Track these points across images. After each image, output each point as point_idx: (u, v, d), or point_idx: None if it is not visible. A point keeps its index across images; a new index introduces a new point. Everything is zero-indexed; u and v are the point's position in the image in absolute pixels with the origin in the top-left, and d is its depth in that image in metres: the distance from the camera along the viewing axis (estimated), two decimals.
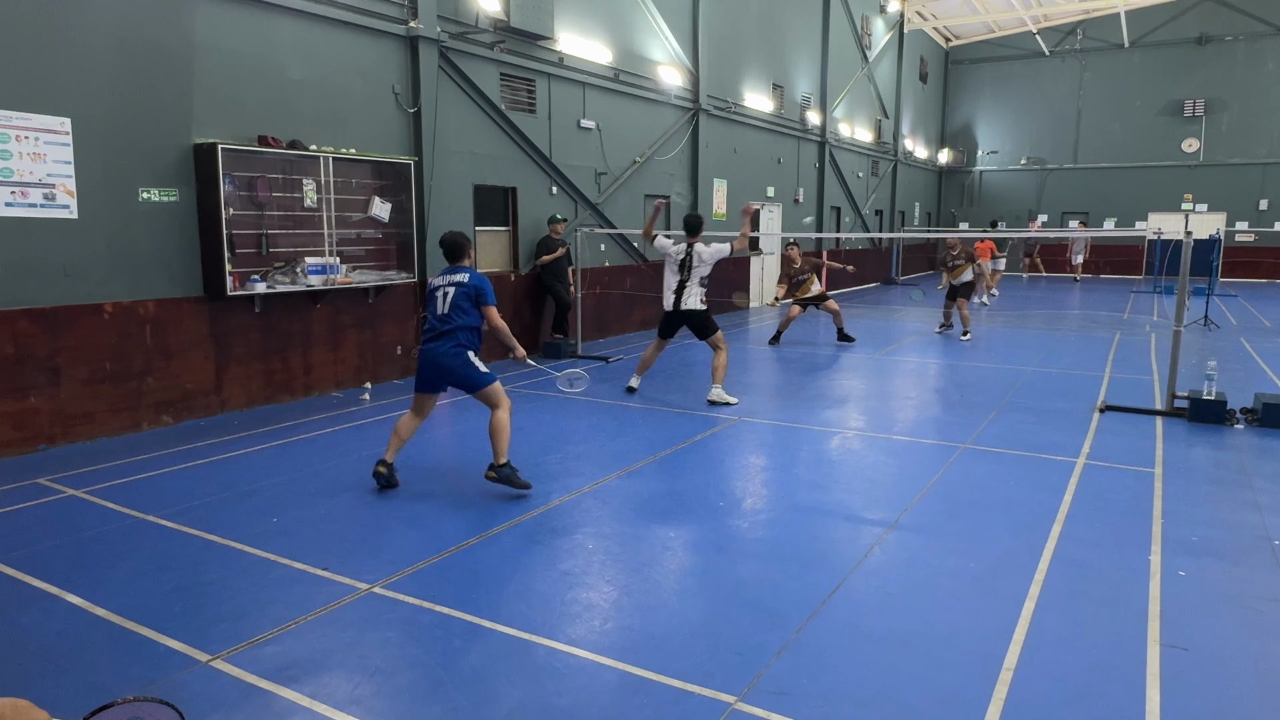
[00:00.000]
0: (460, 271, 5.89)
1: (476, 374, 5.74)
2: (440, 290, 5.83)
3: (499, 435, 5.73)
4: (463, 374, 5.73)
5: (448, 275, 5.88)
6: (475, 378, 5.75)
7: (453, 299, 5.75)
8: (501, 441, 5.73)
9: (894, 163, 27.10)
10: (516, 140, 11.44)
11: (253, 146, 7.90)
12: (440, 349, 5.72)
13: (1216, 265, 19.36)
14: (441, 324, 5.75)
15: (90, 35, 6.84)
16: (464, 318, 5.73)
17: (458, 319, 5.72)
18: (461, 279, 5.81)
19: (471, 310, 5.77)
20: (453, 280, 5.82)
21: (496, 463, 5.73)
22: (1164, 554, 4.76)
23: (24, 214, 6.56)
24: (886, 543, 4.95)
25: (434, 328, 5.78)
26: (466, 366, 5.72)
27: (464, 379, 5.75)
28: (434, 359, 5.75)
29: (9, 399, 6.55)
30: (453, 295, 5.76)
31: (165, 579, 4.40)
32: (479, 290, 5.79)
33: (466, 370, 5.72)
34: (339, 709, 3.22)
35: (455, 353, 5.71)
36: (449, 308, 5.75)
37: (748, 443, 7.33)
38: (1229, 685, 3.43)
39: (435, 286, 5.88)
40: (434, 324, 5.80)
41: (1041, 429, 7.63)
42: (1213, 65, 27.42)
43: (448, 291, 5.79)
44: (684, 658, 3.61)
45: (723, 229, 16.74)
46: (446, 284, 5.82)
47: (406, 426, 6.00)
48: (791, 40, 19.46)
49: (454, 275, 5.86)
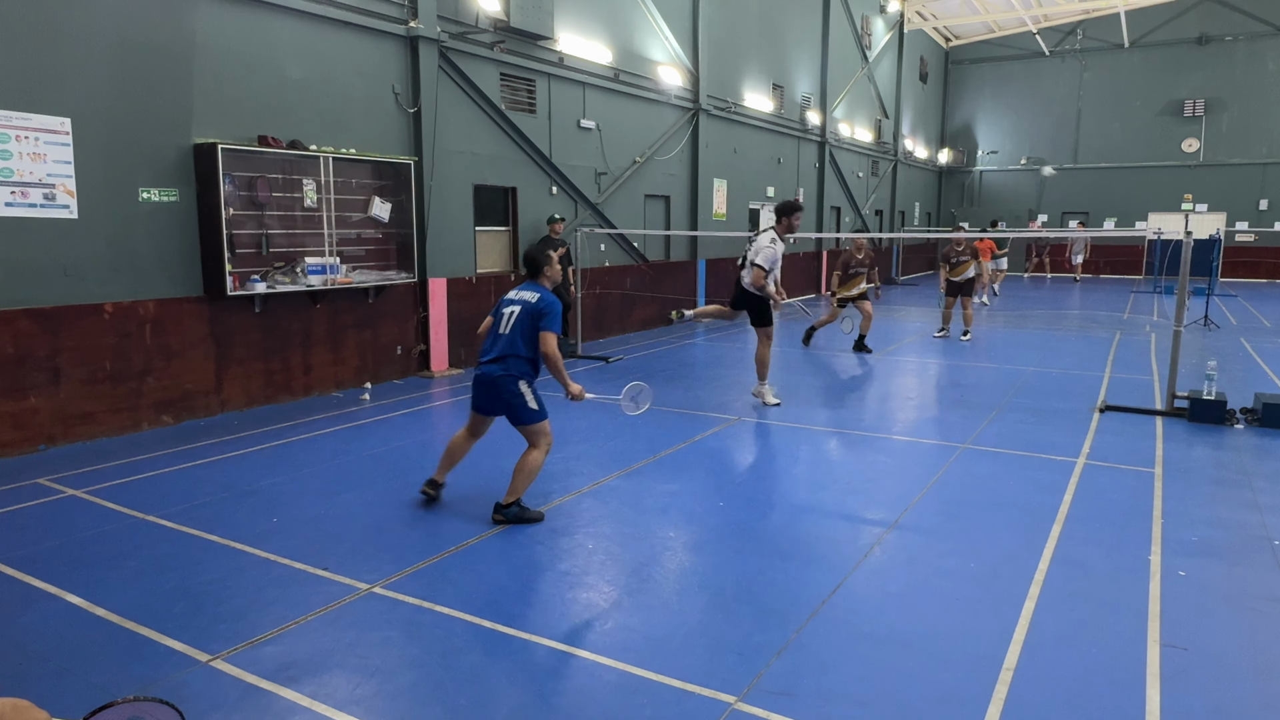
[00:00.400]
0: (531, 289, 5.36)
1: (525, 408, 5.22)
2: (508, 307, 5.33)
3: (524, 475, 5.24)
4: (512, 404, 5.23)
5: (520, 291, 5.38)
6: (523, 413, 5.23)
7: (515, 318, 5.24)
8: (522, 482, 5.24)
9: (894, 163, 27.11)
10: (516, 140, 11.44)
11: (253, 146, 7.90)
12: (494, 373, 5.22)
13: (1216, 265, 19.36)
14: (499, 345, 5.26)
15: (90, 35, 6.84)
16: (522, 340, 5.22)
17: (516, 342, 5.22)
18: (529, 297, 5.29)
19: (532, 333, 5.24)
20: (521, 298, 5.32)
21: (504, 501, 5.25)
22: (1164, 554, 4.76)
23: (24, 214, 6.56)
24: (886, 543, 4.95)
25: (489, 348, 5.31)
26: (516, 397, 5.20)
27: (511, 410, 5.26)
28: (487, 383, 5.26)
29: (9, 399, 6.55)
30: (516, 314, 5.25)
31: (165, 579, 4.40)
32: (541, 313, 5.22)
33: (516, 401, 5.21)
34: (339, 709, 3.22)
35: (506, 380, 5.20)
36: (510, 327, 5.25)
37: (748, 443, 7.33)
38: (1229, 685, 3.43)
39: (504, 301, 5.41)
40: (490, 343, 5.32)
41: (1041, 429, 7.63)
42: (1213, 65, 27.42)
43: (513, 310, 5.29)
44: (684, 658, 3.61)
45: (722, 229, 16.75)
46: (515, 299, 5.34)
47: (460, 447, 5.59)
48: (791, 40, 19.46)
49: (524, 292, 5.36)
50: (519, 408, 5.21)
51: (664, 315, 15.13)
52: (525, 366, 5.24)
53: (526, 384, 5.23)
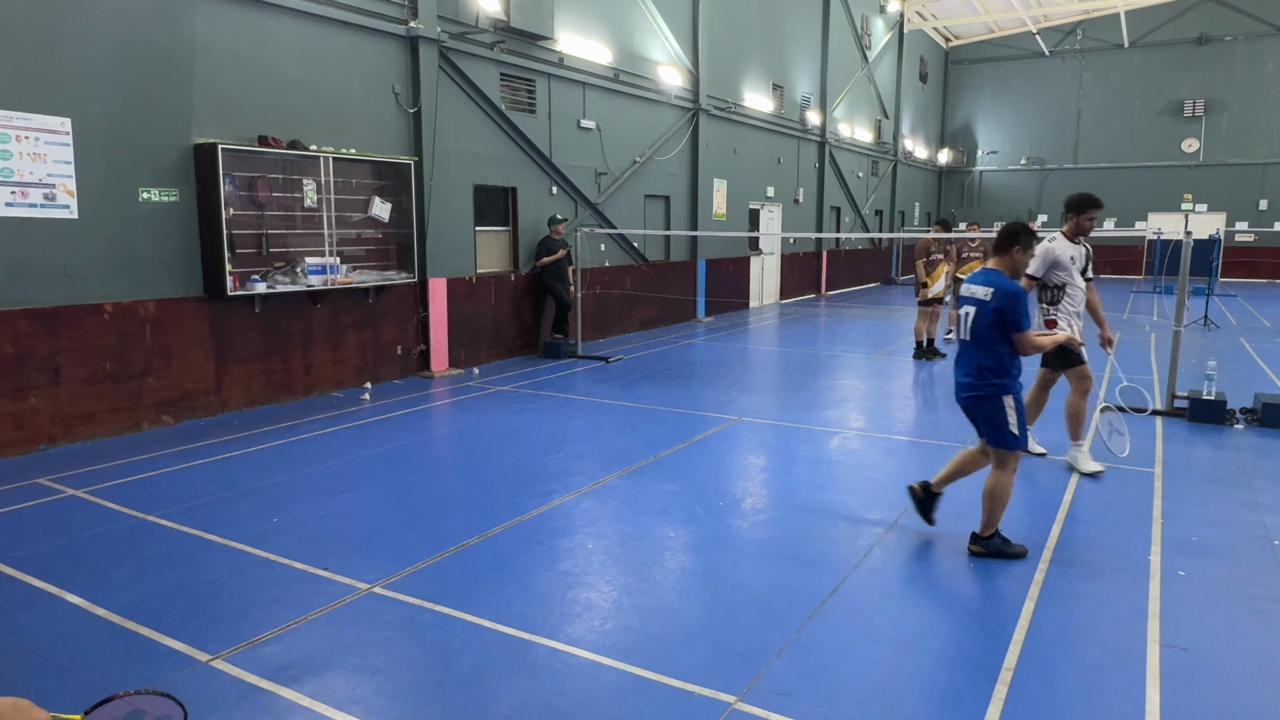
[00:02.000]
0: (988, 280, 4.55)
1: (1004, 430, 4.56)
2: (964, 306, 4.67)
3: (992, 501, 4.63)
4: (988, 420, 4.62)
5: (974, 283, 4.64)
6: (997, 433, 4.60)
7: (973, 322, 4.56)
8: (993, 509, 4.65)
9: (894, 163, 27.10)
10: (516, 140, 11.44)
11: (253, 146, 7.90)
12: (961, 386, 4.70)
13: (1216, 265, 19.37)
14: (963, 352, 4.68)
15: (90, 35, 6.84)
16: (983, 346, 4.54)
17: (977, 348, 4.57)
18: (983, 294, 4.52)
19: (995, 337, 4.50)
20: (974, 294, 4.60)
21: (983, 533, 4.72)
22: (1164, 554, 4.76)
23: (24, 214, 6.56)
24: (886, 543, 4.95)
25: (958, 353, 4.75)
26: (997, 416, 4.56)
27: (987, 425, 4.65)
28: (960, 398, 4.74)
29: (9, 399, 6.55)
30: (973, 317, 4.56)
31: (165, 579, 4.40)
32: (1002, 311, 4.43)
33: (994, 419, 4.58)
34: (339, 709, 3.22)
35: (975, 393, 4.60)
36: (969, 332, 4.60)
37: (748, 443, 7.33)
38: (1229, 685, 3.43)
39: (961, 298, 4.75)
40: (958, 348, 4.76)
41: (1041, 429, 7.62)
42: (1213, 65, 27.42)
43: (969, 310, 4.60)
44: (684, 658, 3.61)
45: (722, 229, 16.75)
46: (969, 296, 4.65)
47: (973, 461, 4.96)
48: (791, 40, 19.46)
49: (979, 284, 4.59)
50: (994, 425, 4.61)
51: (664, 315, 15.14)
52: (991, 375, 4.53)
53: (1011, 398, 4.53)
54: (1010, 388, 4.54)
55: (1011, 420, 4.53)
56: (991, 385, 4.53)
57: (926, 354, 11.59)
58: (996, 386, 4.53)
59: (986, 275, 4.60)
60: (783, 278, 20.40)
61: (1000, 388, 4.53)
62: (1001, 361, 4.53)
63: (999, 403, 4.53)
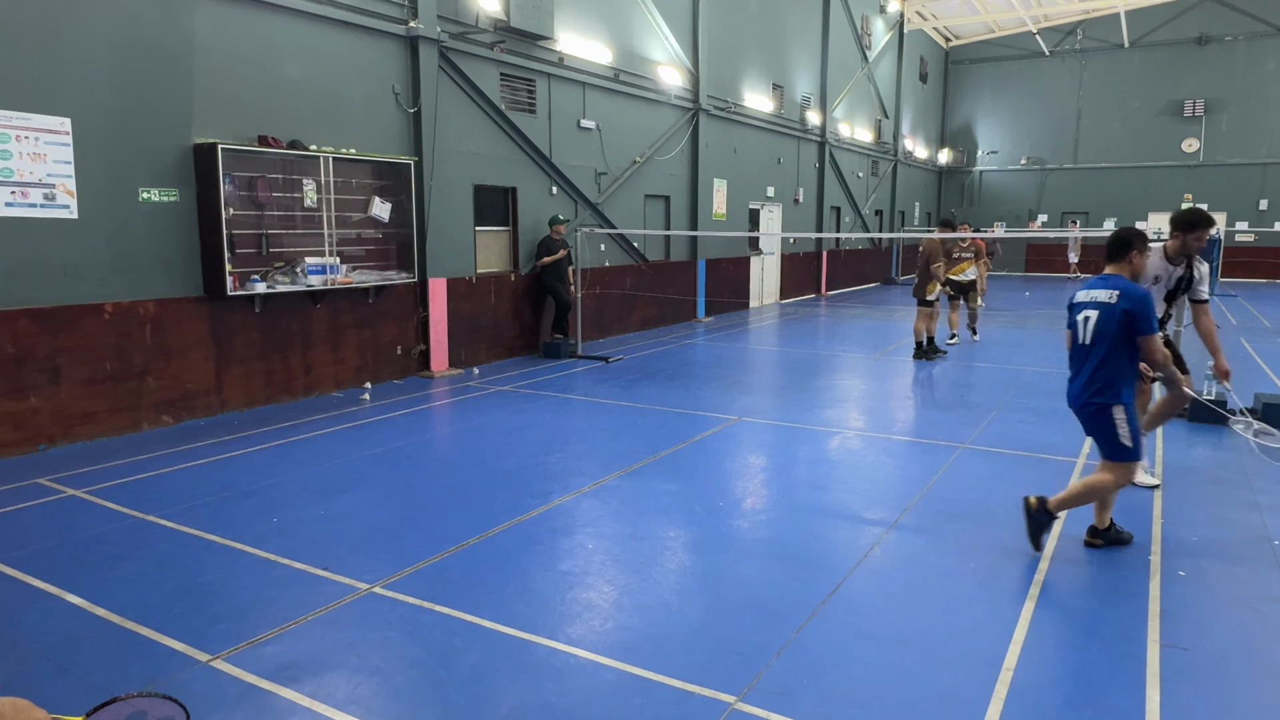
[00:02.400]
0: (1108, 284, 4.46)
1: (1115, 442, 4.47)
2: (1083, 311, 4.51)
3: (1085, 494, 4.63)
4: (1102, 431, 4.53)
5: (1094, 288, 4.53)
6: (1111, 447, 4.51)
7: (1096, 325, 4.42)
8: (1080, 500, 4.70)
9: (894, 163, 27.10)
10: (516, 140, 11.44)
11: (253, 146, 7.90)
12: (1079, 398, 4.55)
13: (1216, 265, 19.37)
14: (1084, 361, 4.52)
15: (90, 35, 6.84)
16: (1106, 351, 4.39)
17: (1101, 355, 4.42)
18: (1106, 297, 4.40)
19: (1121, 342, 4.37)
20: (1095, 298, 4.46)
21: (1100, 525, 4.77)
22: (1164, 554, 4.76)
23: (24, 214, 6.56)
24: (886, 543, 4.95)
25: (1075, 363, 4.60)
26: (1108, 428, 4.46)
27: (1101, 437, 4.56)
28: (1077, 410, 4.62)
29: (9, 399, 6.55)
30: (1095, 320, 4.41)
31: (165, 579, 4.40)
32: (1132, 314, 4.30)
33: (1107, 433, 4.49)
34: (339, 709, 3.22)
35: (1092, 405, 4.49)
36: (1091, 336, 4.46)
37: (748, 443, 7.33)
38: (1229, 685, 3.43)
39: (1078, 303, 4.58)
40: (1074, 357, 4.60)
41: (1041, 429, 7.63)
42: (1213, 65, 27.42)
43: (1089, 315, 4.45)
44: (684, 658, 3.61)
45: (722, 229, 16.75)
46: (1089, 300, 4.50)
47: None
48: (791, 40, 19.46)
49: (1099, 288, 4.49)
50: (1109, 439, 4.51)
51: (664, 315, 15.14)
52: (1115, 384, 4.41)
53: (1123, 410, 4.42)
54: (1123, 398, 4.42)
55: (1124, 432, 4.42)
56: (1106, 394, 4.43)
57: (927, 354, 11.59)
58: (1110, 395, 4.41)
59: (1106, 280, 4.50)
60: (783, 278, 20.40)
61: (1114, 395, 4.41)
62: (1121, 369, 4.41)
63: (1110, 413, 4.42)
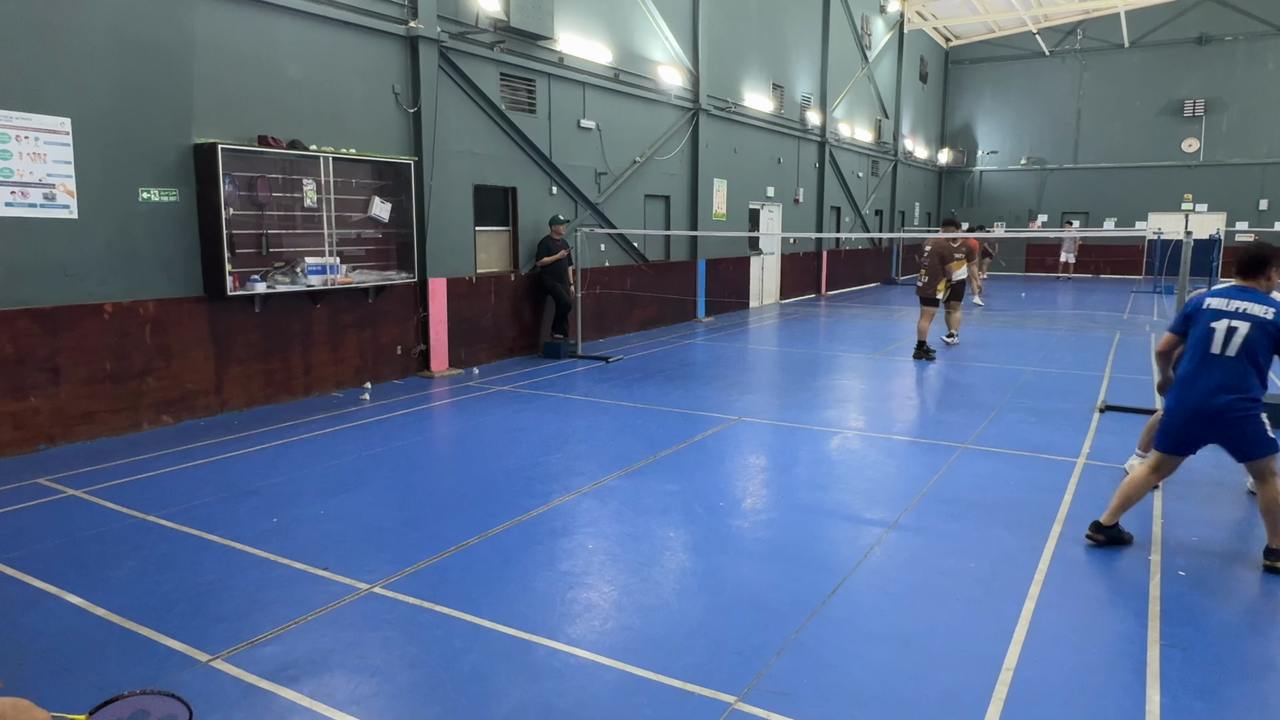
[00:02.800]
0: (1256, 299, 4.49)
1: (1262, 438, 4.45)
2: (1225, 320, 4.49)
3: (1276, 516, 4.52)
4: (1252, 435, 4.48)
5: (1236, 299, 4.52)
6: (1261, 444, 4.46)
7: (1245, 337, 4.42)
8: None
9: (894, 163, 27.09)
10: (516, 140, 11.43)
11: (253, 146, 7.90)
12: (1218, 403, 4.46)
13: (1216, 265, 19.35)
14: (1219, 368, 4.48)
15: (90, 35, 6.84)
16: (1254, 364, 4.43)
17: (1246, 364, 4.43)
18: (1261, 312, 4.42)
19: (1272, 357, 4.44)
20: (1246, 310, 4.46)
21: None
22: (1164, 554, 4.76)
23: (24, 214, 6.56)
24: (886, 543, 4.95)
25: (1202, 369, 4.52)
26: (1258, 427, 4.45)
27: (1241, 444, 4.53)
28: (1210, 414, 4.50)
29: (9, 399, 6.55)
30: (1245, 332, 4.42)
31: (165, 579, 4.40)
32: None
33: (1258, 433, 4.46)
34: (339, 709, 3.22)
35: (1238, 411, 4.44)
36: (1238, 349, 4.43)
37: (748, 443, 7.33)
38: (1229, 685, 3.43)
39: (1214, 311, 4.54)
40: (1203, 364, 4.53)
41: (1041, 429, 7.63)
42: (1213, 65, 27.41)
43: (1236, 326, 4.45)
44: (684, 658, 3.61)
45: (722, 229, 16.75)
46: (1235, 311, 4.48)
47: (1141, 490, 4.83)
48: (791, 40, 19.46)
49: (1246, 300, 4.50)
50: (1255, 441, 4.47)
51: (664, 315, 15.14)
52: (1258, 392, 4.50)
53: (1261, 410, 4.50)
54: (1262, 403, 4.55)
55: (1268, 426, 4.52)
56: (1254, 403, 4.49)
57: (926, 353, 11.58)
58: (1257, 404, 4.50)
59: (1248, 293, 4.55)
60: (783, 278, 20.40)
61: (1259, 403, 4.51)
62: (1263, 379, 4.52)
63: (1256, 414, 4.49)
